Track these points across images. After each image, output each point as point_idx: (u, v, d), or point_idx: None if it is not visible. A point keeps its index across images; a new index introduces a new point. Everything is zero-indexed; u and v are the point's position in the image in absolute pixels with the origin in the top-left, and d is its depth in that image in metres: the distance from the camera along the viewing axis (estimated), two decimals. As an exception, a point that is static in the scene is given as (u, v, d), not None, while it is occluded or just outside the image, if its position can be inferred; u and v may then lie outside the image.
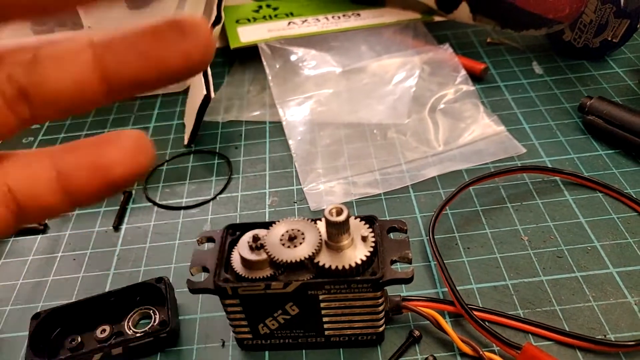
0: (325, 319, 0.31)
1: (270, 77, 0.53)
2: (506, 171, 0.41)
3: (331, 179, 0.43)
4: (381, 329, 0.31)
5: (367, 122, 0.47)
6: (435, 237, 0.37)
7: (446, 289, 0.35)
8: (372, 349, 0.32)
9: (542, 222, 0.38)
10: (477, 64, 0.52)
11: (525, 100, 0.49)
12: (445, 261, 0.36)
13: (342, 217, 0.28)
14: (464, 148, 0.44)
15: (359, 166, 0.44)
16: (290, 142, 0.47)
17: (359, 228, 0.30)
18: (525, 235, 0.38)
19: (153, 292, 0.36)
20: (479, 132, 0.45)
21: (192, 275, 0.30)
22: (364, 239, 0.29)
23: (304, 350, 0.33)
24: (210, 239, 0.31)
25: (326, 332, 0.32)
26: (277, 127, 0.50)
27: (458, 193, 0.40)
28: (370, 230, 0.29)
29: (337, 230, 0.28)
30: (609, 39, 0.50)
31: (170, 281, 0.37)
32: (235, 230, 0.32)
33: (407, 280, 0.28)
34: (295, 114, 0.49)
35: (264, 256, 0.29)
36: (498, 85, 0.52)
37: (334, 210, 0.28)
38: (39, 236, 0.43)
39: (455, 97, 0.48)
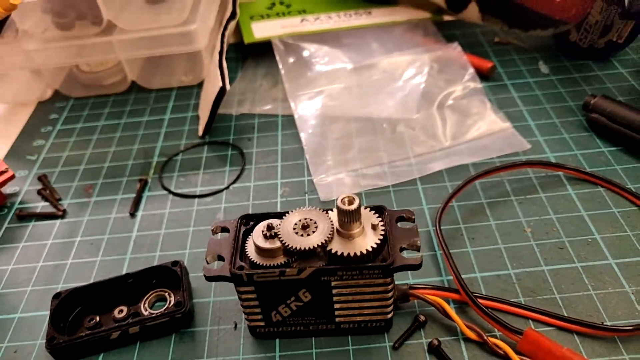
0: (336, 306, 0.32)
1: (283, 72, 0.55)
2: (511, 165, 0.42)
3: (341, 170, 0.45)
4: (390, 315, 0.33)
5: (377, 117, 0.49)
6: (441, 227, 0.38)
7: (451, 277, 0.36)
8: (380, 335, 0.34)
9: (545, 214, 0.40)
10: (485, 62, 0.53)
11: (531, 98, 0.51)
12: (450, 251, 0.37)
13: (353, 206, 0.29)
14: (470, 143, 0.46)
15: (368, 159, 0.45)
16: (301, 134, 0.49)
17: (369, 217, 0.31)
18: (528, 227, 0.39)
19: (168, 275, 0.37)
20: (485, 128, 0.46)
21: (207, 263, 0.31)
22: (374, 227, 0.30)
23: (313, 338, 0.34)
24: (224, 229, 0.33)
25: (337, 319, 0.33)
26: (289, 120, 0.52)
27: (464, 186, 0.41)
28: (380, 219, 0.31)
29: (348, 219, 0.29)
30: (614, 39, 0.51)
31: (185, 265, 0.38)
32: (248, 220, 0.33)
33: (416, 267, 0.30)
34: (306, 108, 0.51)
35: (277, 244, 0.30)
36: (505, 83, 0.53)
37: (345, 200, 0.29)
38: (58, 221, 0.45)
39: (463, 94, 0.49)
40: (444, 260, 0.37)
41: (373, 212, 0.31)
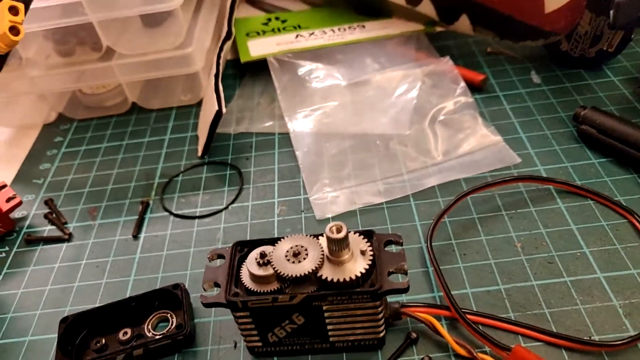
0: (329, 327, 0.33)
1: (278, 91, 0.56)
2: (502, 181, 0.43)
3: (336, 188, 0.46)
4: (381, 334, 0.34)
5: (370, 133, 0.50)
6: (433, 244, 0.39)
7: (442, 294, 0.37)
8: (373, 353, 0.35)
9: (535, 229, 0.41)
10: (477, 75, 0.54)
11: (523, 109, 0.51)
12: (442, 267, 0.38)
13: (341, 235, 0.30)
14: (462, 158, 0.47)
15: (362, 176, 0.46)
16: (297, 153, 0.50)
17: (357, 242, 0.32)
18: (519, 242, 0.40)
19: (170, 298, 0.39)
20: (476, 143, 0.47)
21: (204, 290, 0.33)
22: (362, 252, 0.32)
23: (310, 356, 0.35)
24: (220, 256, 0.34)
25: (331, 339, 0.34)
26: (286, 138, 0.53)
27: (456, 202, 0.42)
28: (369, 244, 0.32)
29: (337, 246, 0.31)
30: (605, 48, 0.52)
31: (186, 286, 0.40)
32: (243, 247, 0.34)
33: (403, 291, 0.31)
34: (302, 126, 0.52)
35: (270, 271, 0.31)
36: (497, 95, 0.54)
37: (334, 228, 0.31)
38: (65, 244, 0.46)
39: (454, 109, 0.50)
40: (435, 277, 0.38)
41: (362, 237, 0.32)
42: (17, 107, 0.62)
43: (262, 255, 0.32)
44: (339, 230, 0.30)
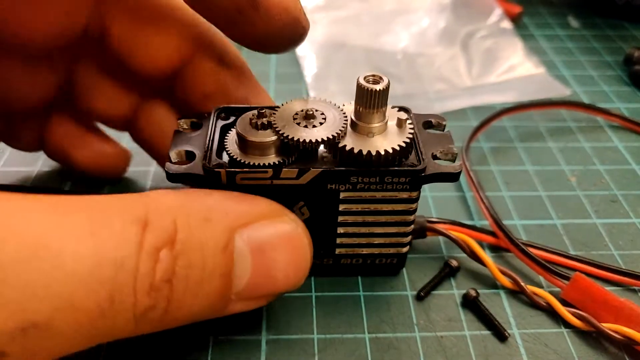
0: (340, 230, 0.24)
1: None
2: (546, 103, 0.36)
3: (346, 99, 0.37)
4: (405, 249, 0.25)
5: (390, 48, 0.42)
6: (468, 166, 0.31)
7: (485, 223, 0.29)
8: (398, 282, 0.26)
9: (590, 164, 0.33)
10: (513, 6, 0.47)
11: (563, 49, 0.45)
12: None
13: (380, 86, 0.21)
14: (499, 84, 0.39)
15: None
16: (300, 56, 0.41)
17: (392, 114, 0.23)
18: (573, 176, 0.32)
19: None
20: (515, 70, 0.40)
21: (171, 161, 0.23)
22: (399, 124, 0.23)
23: (313, 278, 0.26)
24: (195, 124, 0.25)
25: (337, 250, 0.25)
26: (285, 44, 0.44)
27: (492, 120, 0.34)
28: (407, 117, 0.23)
29: (370, 104, 0.22)
30: (656, -3, 0.46)
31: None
32: (228, 114, 0.25)
33: (454, 176, 0.23)
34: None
35: (271, 137, 0.22)
36: (532, 33, 0.47)
37: (370, 78, 0.22)
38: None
39: (490, 33, 0.43)
40: (478, 200, 0.29)
41: (397, 109, 0.24)
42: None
43: (261, 114, 0.23)
44: (376, 81, 0.22)
